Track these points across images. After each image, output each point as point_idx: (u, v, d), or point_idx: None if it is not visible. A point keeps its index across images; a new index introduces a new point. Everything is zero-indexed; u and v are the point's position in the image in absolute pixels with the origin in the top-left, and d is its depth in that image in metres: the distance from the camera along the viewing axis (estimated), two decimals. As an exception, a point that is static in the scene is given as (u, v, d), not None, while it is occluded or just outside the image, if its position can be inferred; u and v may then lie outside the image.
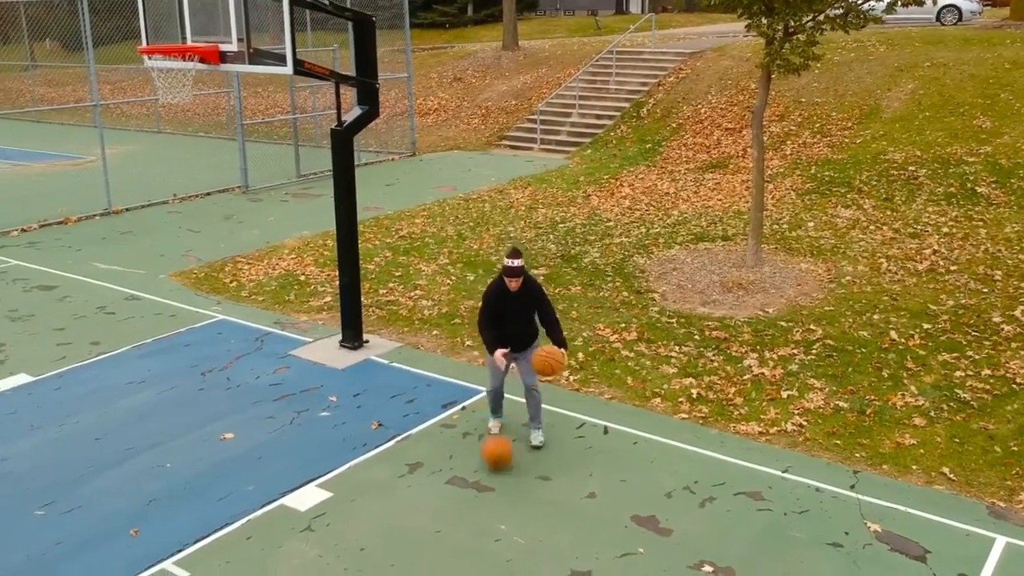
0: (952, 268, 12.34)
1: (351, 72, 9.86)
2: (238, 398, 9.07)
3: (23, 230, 15.94)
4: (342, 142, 9.76)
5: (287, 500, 7.21)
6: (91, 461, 7.84)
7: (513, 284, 7.59)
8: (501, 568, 6.31)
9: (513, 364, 7.87)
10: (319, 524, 6.89)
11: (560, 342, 7.63)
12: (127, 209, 17.48)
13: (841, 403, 8.71)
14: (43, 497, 7.28)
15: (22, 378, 9.59)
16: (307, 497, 7.25)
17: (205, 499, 7.24)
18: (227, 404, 8.93)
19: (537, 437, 8.04)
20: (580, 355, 9.96)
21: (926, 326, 10.46)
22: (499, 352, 7.60)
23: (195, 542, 6.66)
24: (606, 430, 8.32)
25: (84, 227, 16.27)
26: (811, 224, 14.82)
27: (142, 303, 11.99)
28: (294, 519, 6.96)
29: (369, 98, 9.78)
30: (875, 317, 10.79)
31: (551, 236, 14.86)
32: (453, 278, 12.82)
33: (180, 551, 6.54)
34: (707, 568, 6.30)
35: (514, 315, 7.72)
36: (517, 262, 7.57)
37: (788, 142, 19.35)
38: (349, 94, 10.09)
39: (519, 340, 7.80)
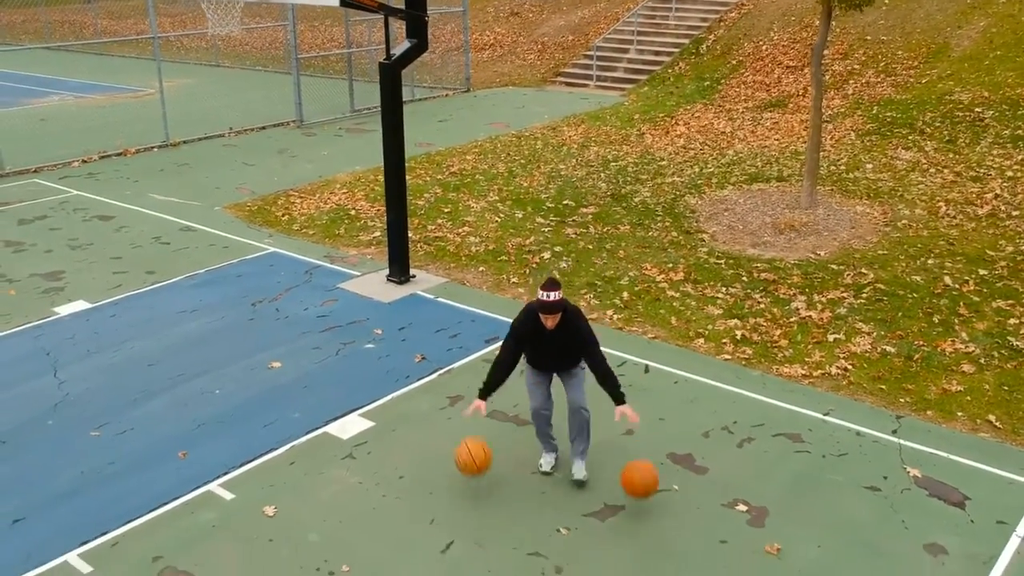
0: (1014, 213, 11.98)
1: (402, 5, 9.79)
2: (286, 329, 9.24)
3: (83, 161, 16.27)
4: (390, 75, 9.73)
5: (330, 428, 7.38)
6: (144, 386, 8.09)
7: (549, 323, 6.08)
8: (537, 499, 6.41)
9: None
10: (360, 452, 7.05)
11: (618, 396, 6.22)
12: (184, 142, 17.72)
13: (888, 348, 8.58)
14: (98, 419, 7.55)
15: (80, 305, 9.89)
16: (350, 426, 7.41)
17: (252, 425, 7.44)
18: (276, 334, 9.11)
19: (580, 469, 6.55)
20: (625, 294, 9.94)
21: (982, 272, 10.20)
22: (477, 403, 6.30)
23: (240, 466, 6.87)
24: (647, 369, 8.33)
25: (142, 159, 16.55)
26: (869, 166, 14.46)
27: (196, 234, 12.21)
28: (337, 446, 7.13)
29: (417, 31, 9.71)
30: (930, 262, 10.56)
31: (602, 175, 14.73)
32: (502, 215, 12.82)
33: (226, 474, 6.76)
34: (741, 507, 6.32)
35: (548, 354, 6.37)
36: (554, 295, 5.98)
37: (851, 81, 18.81)
38: (402, 28, 10.03)
39: (558, 364, 6.47)
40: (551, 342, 6.24)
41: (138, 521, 6.22)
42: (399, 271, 10.37)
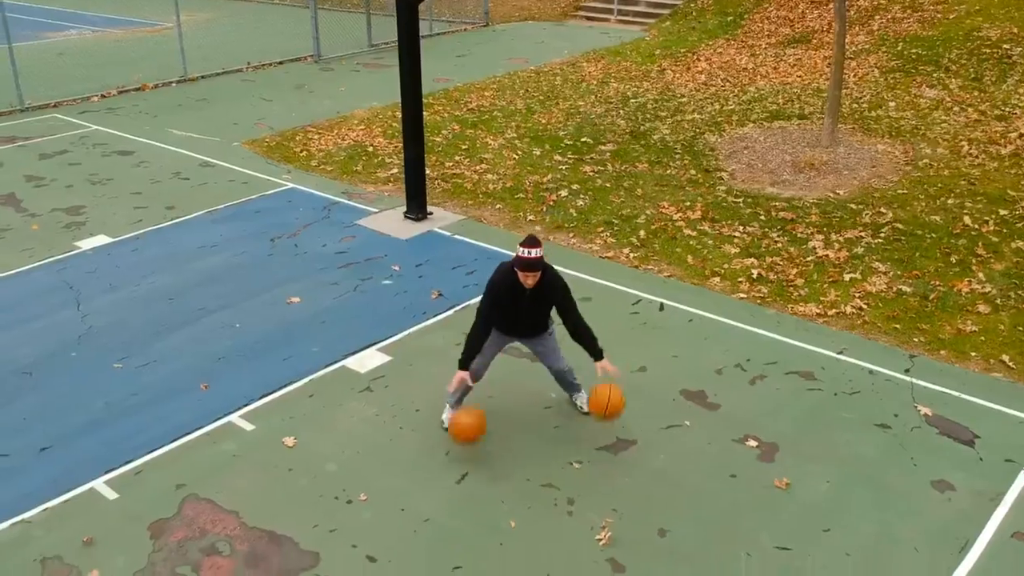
0: (1038, 153, 11.84)
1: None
2: (305, 264, 9.33)
3: (102, 96, 16.28)
4: (407, 11, 9.64)
5: (348, 362, 7.50)
6: (165, 319, 8.23)
7: (529, 280, 6.00)
8: (549, 433, 6.52)
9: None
10: (378, 385, 7.17)
11: (596, 352, 6.17)
12: (202, 77, 17.67)
13: (904, 287, 8.58)
14: (120, 352, 7.69)
15: (101, 239, 10.00)
16: (367, 360, 7.53)
17: (271, 358, 7.57)
18: (294, 270, 9.20)
19: (584, 399, 6.76)
20: (642, 233, 9.94)
21: (1003, 212, 10.13)
22: (461, 375, 6.17)
23: (260, 398, 7.01)
24: (662, 307, 8.38)
25: (160, 94, 16.54)
26: (892, 104, 14.27)
27: (215, 170, 12.26)
28: (354, 380, 7.25)
29: (435, -35, 9.58)
30: (949, 202, 10.48)
31: (621, 111, 14.61)
32: (519, 153, 12.77)
33: (246, 405, 6.90)
34: (751, 443, 6.41)
35: (522, 314, 6.24)
36: (535, 253, 5.90)
37: (876, 16, 18.45)
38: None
39: (530, 328, 6.37)
40: (525, 303, 6.11)
41: (161, 450, 6.39)
42: (416, 208, 10.40)
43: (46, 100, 15.75)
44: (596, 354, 6.17)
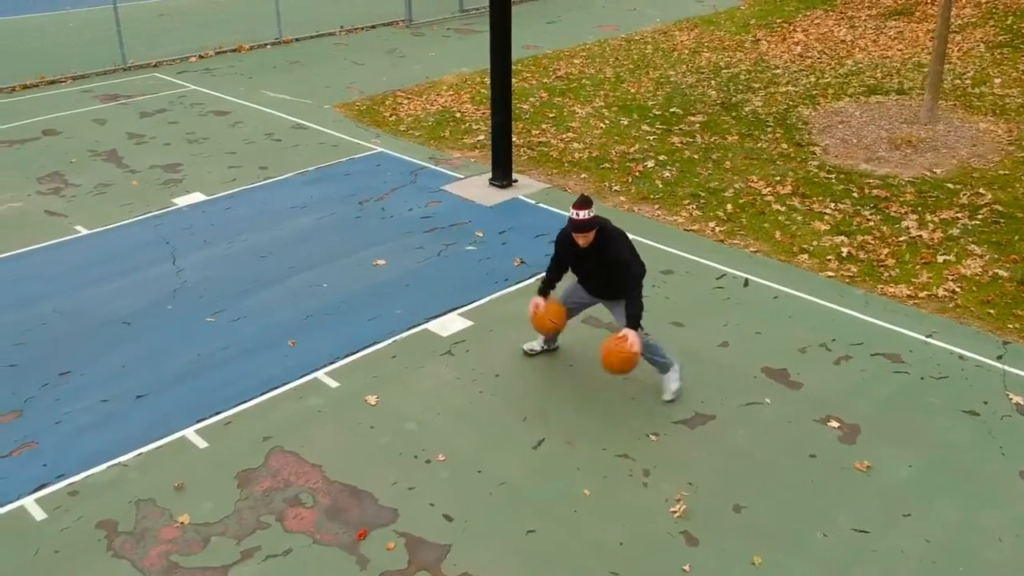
0: None
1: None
2: (391, 228, 9.47)
3: (200, 56, 16.68)
4: (500, -24, 9.63)
5: (431, 325, 7.62)
6: (256, 276, 8.47)
7: (581, 240, 6.10)
8: (627, 404, 6.53)
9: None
10: (459, 349, 7.27)
11: (631, 319, 6.02)
12: (296, 39, 17.95)
13: (1001, 271, 8.30)
14: (213, 306, 7.96)
15: (197, 196, 10.31)
16: (449, 324, 7.64)
17: (356, 318, 7.74)
18: (381, 233, 9.35)
19: (669, 388, 6.55)
20: (729, 207, 9.81)
21: (1112, 197, 9.70)
22: (534, 301, 6.50)
23: (345, 356, 7.18)
24: (747, 283, 8.28)
25: (256, 55, 16.87)
26: (998, 80, 13.71)
27: (307, 132, 12.49)
28: (436, 343, 7.37)
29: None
30: (1055, 184, 10.08)
31: (713, 82, 14.37)
32: (607, 122, 12.69)
33: (332, 363, 7.08)
34: (833, 424, 6.33)
35: (589, 273, 6.40)
36: (584, 213, 5.95)
37: (986, -12, 17.71)
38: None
39: (603, 287, 6.43)
40: (587, 262, 6.26)
41: (249, 403, 6.61)
42: (502, 175, 10.44)
43: (147, 60, 16.22)
44: (629, 321, 6.06)
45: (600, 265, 6.23)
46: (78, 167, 11.23)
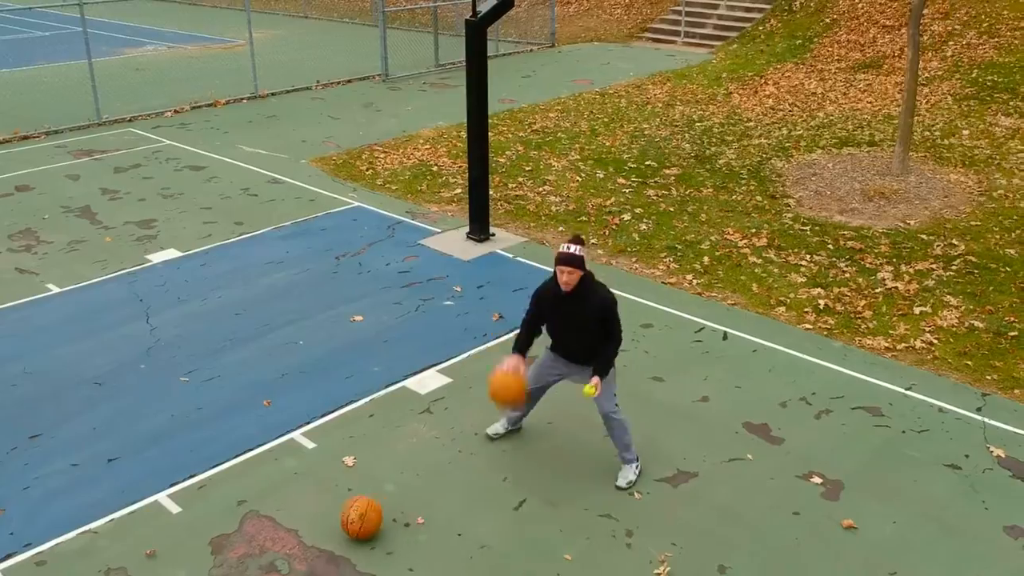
0: (1120, 186, 11.46)
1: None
2: (368, 283, 9.41)
3: (176, 111, 16.68)
4: (476, 34, 9.72)
5: (409, 383, 7.53)
6: (231, 334, 8.36)
7: (564, 277, 5.75)
8: (609, 462, 6.45)
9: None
10: (437, 407, 7.18)
11: (599, 368, 5.89)
12: (272, 94, 18.01)
13: (977, 323, 8.35)
14: (187, 365, 7.84)
15: (171, 253, 10.22)
16: (428, 381, 7.55)
17: (333, 376, 7.64)
18: (358, 288, 9.29)
19: (624, 475, 6.24)
20: (705, 259, 9.85)
21: (1082, 247, 9.82)
22: (510, 359, 6.07)
23: (322, 416, 7.07)
24: (725, 336, 8.27)
25: (232, 110, 16.89)
26: (966, 132, 13.95)
27: (283, 186, 12.46)
28: (414, 401, 7.28)
29: (505, -12, 9.65)
30: (1026, 235, 10.20)
31: (687, 135, 14.52)
32: (583, 175, 12.76)
33: (307, 423, 6.97)
34: (816, 479, 6.28)
35: (567, 326, 6.04)
36: (575, 248, 5.72)
37: (951, 42, 18.09)
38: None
39: (580, 354, 6.11)
40: (567, 312, 5.92)
41: (224, 465, 6.47)
42: (479, 229, 10.44)
43: (122, 114, 16.19)
44: (597, 369, 5.90)
45: (582, 313, 5.88)
46: (51, 223, 11.12)
